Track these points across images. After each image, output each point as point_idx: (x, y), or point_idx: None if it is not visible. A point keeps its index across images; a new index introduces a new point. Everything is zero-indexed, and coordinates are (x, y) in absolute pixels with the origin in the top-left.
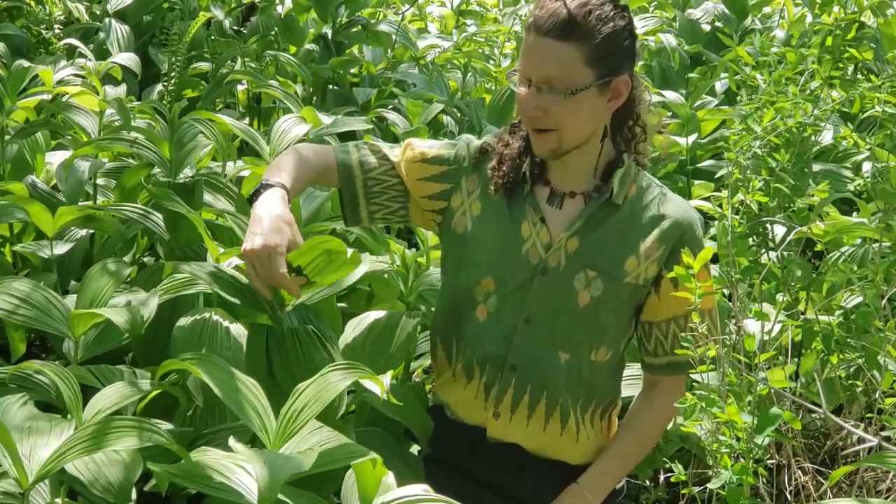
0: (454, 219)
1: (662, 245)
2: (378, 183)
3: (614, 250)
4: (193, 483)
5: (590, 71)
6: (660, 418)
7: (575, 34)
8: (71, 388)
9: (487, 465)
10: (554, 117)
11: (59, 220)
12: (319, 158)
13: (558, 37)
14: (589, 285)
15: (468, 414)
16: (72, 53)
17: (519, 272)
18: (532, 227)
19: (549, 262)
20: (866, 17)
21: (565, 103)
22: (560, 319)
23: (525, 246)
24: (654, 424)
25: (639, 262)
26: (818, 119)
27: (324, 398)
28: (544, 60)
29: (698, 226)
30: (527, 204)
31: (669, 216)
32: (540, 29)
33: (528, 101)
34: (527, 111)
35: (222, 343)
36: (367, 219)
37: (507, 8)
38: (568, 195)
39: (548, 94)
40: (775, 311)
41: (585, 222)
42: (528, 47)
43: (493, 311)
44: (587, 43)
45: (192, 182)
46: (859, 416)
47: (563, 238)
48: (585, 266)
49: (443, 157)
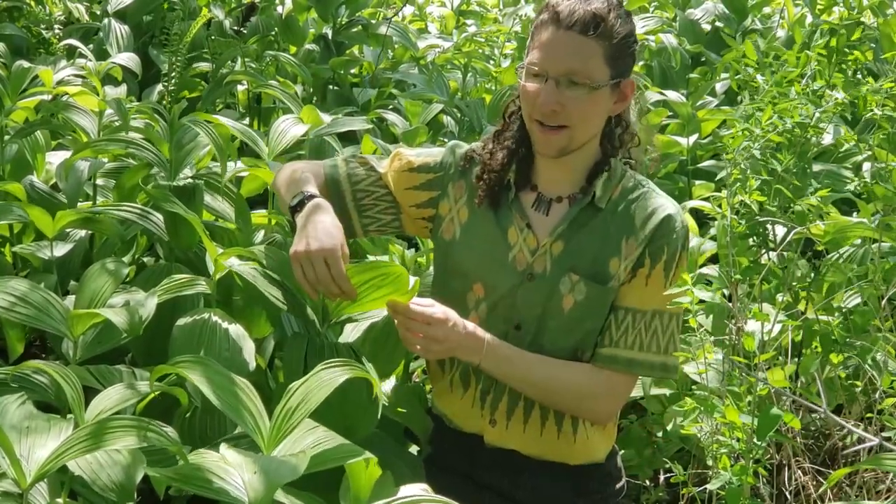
0: (442, 226)
1: (640, 245)
2: (367, 195)
3: (598, 253)
4: (192, 486)
5: (607, 69)
6: (575, 378)
7: (599, 30)
8: (73, 388)
9: (486, 469)
10: (569, 114)
11: (59, 222)
12: (311, 174)
13: (583, 31)
14: (573, 289)
15: (465, 422)
16: (72, 54)
17: (507, 279)
18: (519, 233)
19: (535, 267)
20: (866, 17)
21: (584, 99)
22: (548, 324)
23: (512, 252)
24: (568, 377)
25: (620, 262)
26: (820, 120)
27: (317, 396)
28: (568, 53)
29: (679, 227)
30: (513, 210)
31: (650, 213)
32: (562, 23)
33: (546, 96)
34: (545, 105)
35: (221, 344)
36: (361, 232)
37: (507, 8)
38: (555, 200)
39: (566, 89)
40: (775, 311)
41: (569, 225)
42: (549, 41)
43: (484, 317)
44: (608, 41)
45: (192, 186)
46: (859, 416)
47: (548, 242)
48: (569, 270)
49: (428, 164)
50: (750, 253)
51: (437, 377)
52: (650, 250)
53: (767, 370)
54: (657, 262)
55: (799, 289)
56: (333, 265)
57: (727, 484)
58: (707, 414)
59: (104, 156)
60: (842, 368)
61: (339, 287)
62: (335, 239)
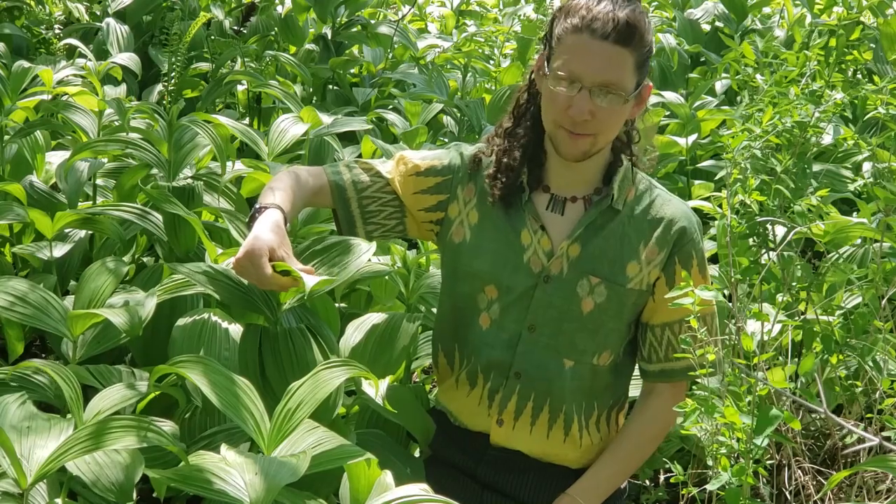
0: (452, 228)
1: (663, 249)
2: (373, 201)
3: (616, 256)
4: (192, 487)
5: (635, 77)
6: (655, 426)
7: (633, 40)
8: (72, 388)
9: (489, 469)
10: (599, 122)
11: (58, 223)
12: (313, 180)
13: (619, 41)
14: (592, 292)
15: (471, 421)
16: (72, 53)
17: (522, 280)
18: (532, 235)
19: (552, 269)
20: (865, 17)
21: (615, 109)
22: (564, 326)
23: (526, 254)
24: (650, 432)
25: (640, 266)
26: (819, 120)
27: (317, 397)
28: (603, 65)
29: (697, 228)
30: (525, 212)
31: (668, 219)
32: (597, 31)
33: (580, 106)
34: (579, 115)
35: (221, 343)
36: (365, 237)
37: (507, 8)
38: (570, 200)
39: (599, 98)
40: (775, 311)
41: (586, 228)
42: (583, 49)
43: (497, 318)
44: (639, 50)
45: (191, 187)
46: (859, 417)
47: (565, 245)
48: (588, 273)
49: (436, 167)
50: (750, 253)
51: (446, 374)
52: (679, 257)
53: (767, 370)
54: (690, 267)
55: (799, 289)
56: (257, 265)
57: (727, 484)
58: (707, 414)
59: (104, 156)
60: (842, 369)
61: (271, 283)
62: (260, 241)
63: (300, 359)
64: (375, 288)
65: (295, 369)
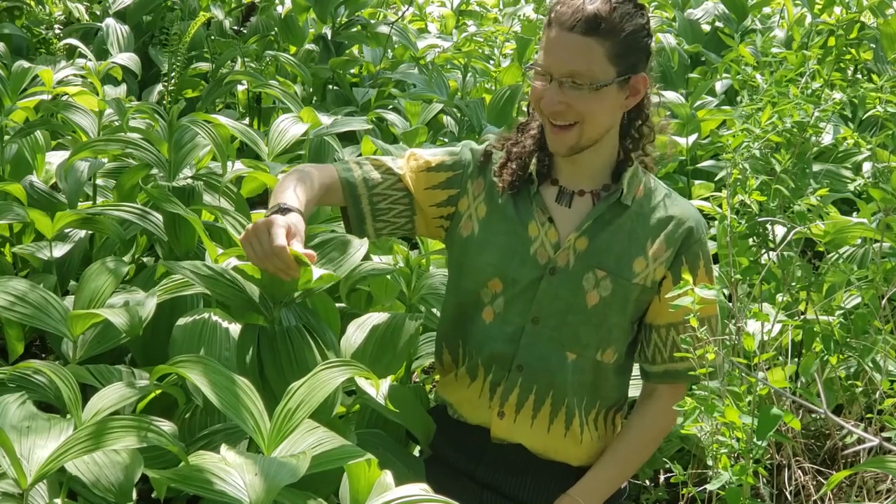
0: (461, 223)
1: (670, 247)
2: (384, 198)
3: (623, 251)
4: (191, 487)
5: (612, 67)
6: (655, 427)
7: (600, 30)
8: (70, 388)
9: (489, 467)
10: (576, 111)
11: (58, 223)
12: (324, 178)
13: (583, 32)
14: (598, 285)
15: (471, 413)
16: (72, 53)
17: (528, 272)
18: (540, 227)
19: (558, 261)
20: (865, 17)
21: (588, 98)
22: (568, 319)
23: (533, 246)
24: (650, 434)
25: (647, 263)
26: (819, 119)
27: (317, 397)
28: (569, 55)
29: (703, 228)
30: (534, 204)
31: (676, 218)
32: (563, 24)
33: (550, 97)
34: (549, 106)
35: (221, 343)
36: (374, 234)
37: (507, 8)
38: (577, 193)
39: (570, 90)
40: (775, 311)
41: (594, 222)
42: (551, 42)
43: (500, 311)
44: (611, 39)
45: (191, 187)
46: (859, 417)
47: (573, 238)
48: (594, 266)
49: (447, 163)
50: (750, 253)
51: (449, 369)
52: (686, 257)
53: (767, 370)
54: (697, 268)
55: (799, 289)
56: (273, 233)
57: (727, 484)
58: (707, 414)
59: (104, 156)
60: (842, 369)
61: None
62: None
63: (299, 358)
64: (375, 288)
65: (293, 368)
